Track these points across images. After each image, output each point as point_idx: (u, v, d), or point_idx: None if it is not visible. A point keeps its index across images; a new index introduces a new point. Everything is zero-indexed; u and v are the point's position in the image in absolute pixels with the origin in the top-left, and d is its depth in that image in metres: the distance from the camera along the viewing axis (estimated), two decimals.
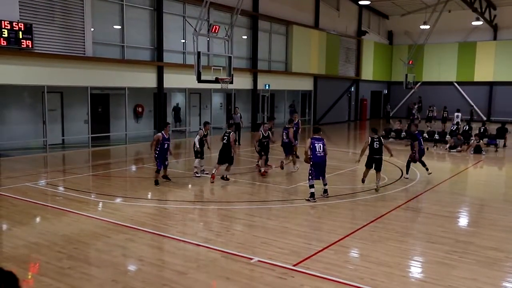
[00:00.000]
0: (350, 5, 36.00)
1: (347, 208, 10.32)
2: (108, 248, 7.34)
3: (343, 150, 20.02)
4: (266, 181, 13.10)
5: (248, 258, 6.90)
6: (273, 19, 28.39)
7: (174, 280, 6.14)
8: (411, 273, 6.60)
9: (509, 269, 6.86)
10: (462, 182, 14.23)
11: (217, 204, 10.35)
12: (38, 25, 16.77)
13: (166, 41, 21.71)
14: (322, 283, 6.11)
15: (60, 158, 17.07)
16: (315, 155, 10.64)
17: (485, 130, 22.21)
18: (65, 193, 11.23)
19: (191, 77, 17.94)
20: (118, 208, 9.86)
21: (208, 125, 13.93)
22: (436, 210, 10.18)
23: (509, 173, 16.53)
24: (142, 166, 15.86)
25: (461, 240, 8.02)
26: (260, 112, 28.63)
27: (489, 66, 37.91)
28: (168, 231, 8.27)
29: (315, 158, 10.63)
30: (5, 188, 11.46)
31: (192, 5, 22.48)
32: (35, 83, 17.11)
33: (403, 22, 40.49)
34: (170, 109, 25.04)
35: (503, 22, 36.90)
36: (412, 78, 31.66)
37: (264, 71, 28.09)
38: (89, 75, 18.54)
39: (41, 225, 8.82)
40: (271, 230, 8.39)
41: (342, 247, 7.54)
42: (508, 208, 10.56)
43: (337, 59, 35.33)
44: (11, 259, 6.80)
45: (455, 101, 37.97)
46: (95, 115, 20.59)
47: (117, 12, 19.99)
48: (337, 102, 36.08)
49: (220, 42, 20.00)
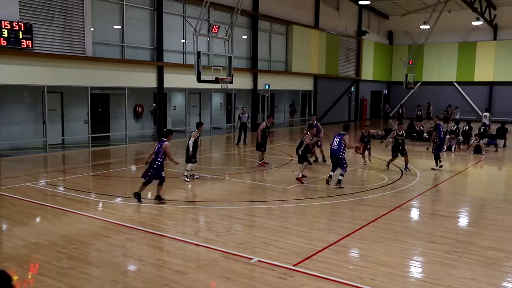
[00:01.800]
0: (350, 5, 36.01)
1: (347, 208, 10.32)
2: (108, 248, 7.34)
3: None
4: (266, 181, 13.10)
5: (248, 258, 6.90)
6: (273, 19, 28.40)
7: (174, 280, 6.14)
8: (411, 273, 6.60)
9: (509, 269, 6.86)
10: (462, 182, 14.22)
11: (217, 204, 10.34)
12: (38, 25, 16.77)
13: (166, 41, 21.71)
14: (322, 283, 6.11)
15: (60, 158, 17.06)
16: (330, 148, 12.38)
17: (485, 130, 22.21)
18: (65, 193, 11.23)
19: (191, 77, 17.95)
20: (118, 208, 9.86)
21: (201, 126, 12.96)
22: (436, 210, 10.18)
23: (509, 173, 16.52)
24: (142, 166, 15.84)
25: (461, 240, 8.02)
26: (260, 112, 28.63)
27: (489, 66, 37.92)
28: (168, 231, 8.27)
29: (330, 151, 12.38)
30: (5, 188, 11.46)
31: (192, 5, 22.48)
32: (35, 83, 17.11)
33: (403, 22, 40.50)
34: (169, 108, 25.01)
35: (503, 22, 36.90)
36: (412, 78, 31.65)
37: (264, 71, 28.09)
38: (89, 75, 18.54)
39: (41, 225, 8.81)
40: (271, 230, 8.39)
41: (342, 247, 7.54)
42: (508, 208, 10.56)
43: (337, 59, 35.34)
44: (11, 259, 6.80)
45: (455, 101, 38.04)
46: (95, 115, 20.60)
47: (117, 12, 19.99)
48: (337, 102, 36.09)
49: (220, 42, 20.01)
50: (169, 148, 10.11)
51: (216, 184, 12.66)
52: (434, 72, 40.10)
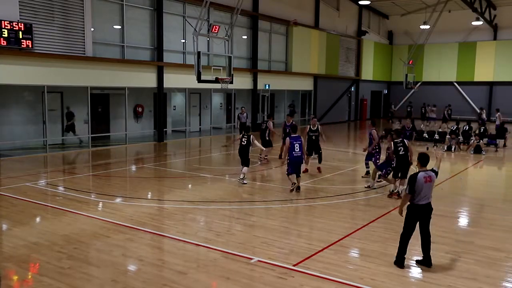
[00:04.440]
0: (350, 5, 36.00)
1: (347, 208, 10.32)
2: (108, 248, 7.34)
3: (343, 150, 20.02)
4: (266, 181, 13.10)
5: (248, 258, 6.90)
6: (273, 19, 28.40)
7: (174, 280, 6.15)
8: (411, 273, 6.60)
9: (509, 269, 6.86)
10: (462, 182, 14.22)
11: (217, 204, 10.34)
12: (38, 25, 16.76)
13: (166, 41, 21.71)
14: (322, 283, 6.11)
15: (60, 158, 17.06)
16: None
17: (485, 130, 22.21)
18: (65, 193, 11.23)
19: (191, 77, 17.95)
20: (118, 208, 9.86)
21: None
22: (436, 210, 10.11)
23: (509, 173, 16.52)
24: (142, 166, 15.86)
25: (461, 240, 8.02)
26: (260, 112, 28.63)
27: (489, 66, 37.92)
28: (168, 231, 8.27)
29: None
30: (5, 188, 11.46)
31: (192, 5, 22.47)
32: (35, 83, 17.11)
33: (403, 22, 40.49)
34: (170, 109, 24.99)
35: (503, 22, 36.90)
36: (412, 78, 31.65)
37: (264, 71, 28.09)
38: (89, 75, 18.53)
39: (41, 225, 8.82)
40: (271, 230, 8.39)
41: (342, 247, 7.54)
42: (508, 208, 10.57)
43: (337, 59, 35.33)
44: (11, 259, 6.81)
45: (455, 101, 38.06)
46: (95, 115, 20.59)
47: (117, 12, 19.99)
48: (337, 102, 36.08)
49: (220, 42, 20.01)
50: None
51: (216, 184, 12.66)
52: (434, 72, 40.09)
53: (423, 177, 6.62)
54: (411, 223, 6.64)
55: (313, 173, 13.97)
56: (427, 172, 6.71)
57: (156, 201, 10.70)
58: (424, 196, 6.60)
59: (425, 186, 6.59)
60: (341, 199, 10.89)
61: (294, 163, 11.22)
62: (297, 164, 11.30)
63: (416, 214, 6.64)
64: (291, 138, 11.35)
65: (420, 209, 6.62)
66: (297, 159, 11.24)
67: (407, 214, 6.70)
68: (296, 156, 11.20)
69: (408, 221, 6.67)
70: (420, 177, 6.63)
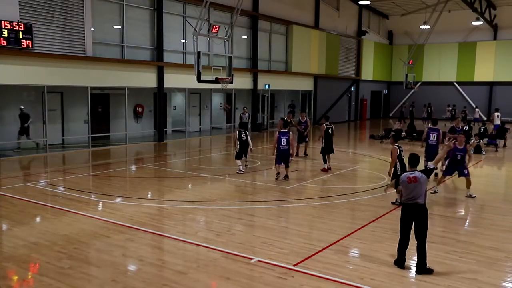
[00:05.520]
0: (350, 5, 36.00)
1: (347, 208, 10.32)
2: (108, 248, 7.34)
3: (343, 150, 20.01)
4: (266, 181, 13.10)
5: (248, 258, 6.90)
6: (273, 19, 28.39)
7: (174, 280, 6.15)
8: (411, 273, 6.60)
9: (509, 269, 6.86)
10: (462, 182, 14.19)
11: (217, 204, 10.34)
12: (38, 25, 16.76)
13: (166, 41, 21.70)
14: (322, 283, 6.11)
15: (60, 158, 17.06)
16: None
17: (485, 130, 22.21)
18: (65, 193, 11.23)
19: (191, 77, 17.93)
20: (118, 208, 9.86)
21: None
22: (436, 210, 10.17)
23: (509, 173, 16.52)
24: (142, 166, 15.86)
25: (461, 240, 8.02)
26: (260, 112, 28.62)
27: (489, 66, 37.91)
28: (168, 231, 8.27)
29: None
30: (5, 188, 11.46)
31: (192, 5, 22.47)
32: (35, 83, 17.11)
33: (403, 22, 40.48)
34: (170, 109, 24.98)
35: (503, 22, 36.90)
36: (412, 78, 31.65)
37: (264, 71, 28.08)
38: (89, 75, 18.53)
39: (41, 225, 8.81)
40: (271, 230, 8.39)
41: (342, 247, 7.54)
42: (508, 208, 10.56)
43: (337, 59, 35.33)
44: (11, 259, 6.81)
45: (455, 101, 38.07)
46: (95, 115, 20.59)
47: (117, 12, 19.98)
48: (337, 102, 36.07)
49: (220, 42, 20.01)
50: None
51: (216, 184, 12.66)
52: (434, 72, 40.10)
53: (406, 177, 6.67)
54: (402, 222, 6.70)
55: (314, 172, 13.95)
56: (413, 173, 6.72)
57: (156, 201, 10.70)
58: (410, 196, 6.61)
59: (409, 186, 6.60)
60: (341, 199, 10.89)
61: (280, 156, 12.59)
62: (284, 156, 12.58)
63: (405, 213, 6.68)
64: (280, 133, 12.65)
65: (408, 208, 6.65)
66: (284, 152, 12.54)
67: (401, 213, 6.78)
68: (283, 150, 12.53)
69: (400, 220, 6.74)
70: (403, 177, 6.72)
